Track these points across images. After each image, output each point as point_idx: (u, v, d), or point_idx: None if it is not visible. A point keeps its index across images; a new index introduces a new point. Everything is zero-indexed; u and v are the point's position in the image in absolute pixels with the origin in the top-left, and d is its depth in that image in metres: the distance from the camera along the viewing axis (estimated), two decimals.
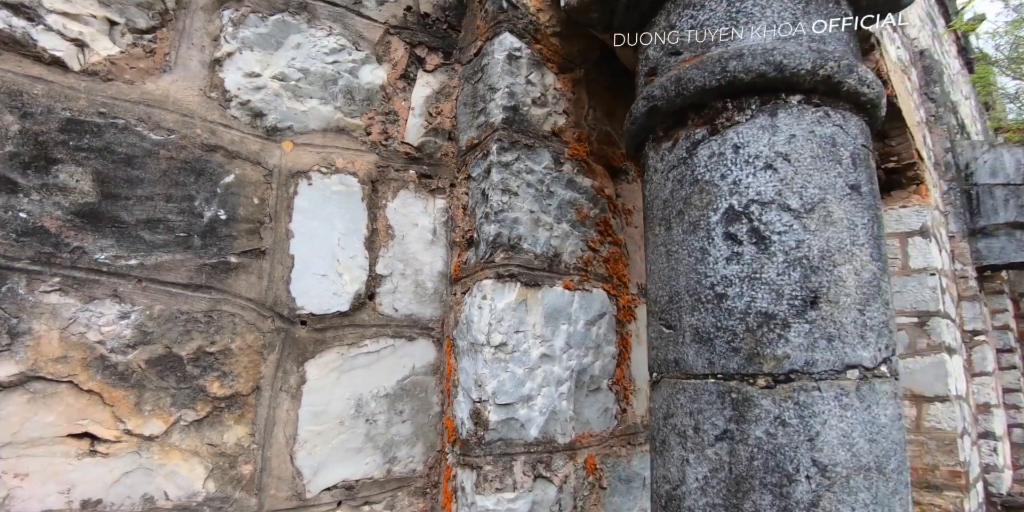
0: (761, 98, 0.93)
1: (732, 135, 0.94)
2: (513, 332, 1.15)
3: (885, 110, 1.03)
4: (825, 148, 0.90)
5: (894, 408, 0.84)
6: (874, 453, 0.80)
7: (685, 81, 0.98)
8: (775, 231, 0.87)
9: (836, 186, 0.89)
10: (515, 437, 1.13)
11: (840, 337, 0.83)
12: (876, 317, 0.86)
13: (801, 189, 0.88)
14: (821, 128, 0.91)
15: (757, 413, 0.83)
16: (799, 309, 0.84)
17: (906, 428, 4.47)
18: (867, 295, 0.86)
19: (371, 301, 1.22)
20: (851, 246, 0.87)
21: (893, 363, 0.87)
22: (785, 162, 0.90)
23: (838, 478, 0.79)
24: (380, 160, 1.30)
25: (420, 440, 1.22)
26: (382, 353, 1.20)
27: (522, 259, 1.20)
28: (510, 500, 1.10)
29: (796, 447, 0.80)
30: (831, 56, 0.91)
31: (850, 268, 0.86)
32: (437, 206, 1.34)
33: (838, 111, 0.93)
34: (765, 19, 0.96)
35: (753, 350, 0.86)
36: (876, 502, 0.79)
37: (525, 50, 1.32)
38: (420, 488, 1.21)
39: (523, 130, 1.27)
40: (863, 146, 0.94)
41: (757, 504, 0.81)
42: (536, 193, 1.25)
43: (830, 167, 0.89)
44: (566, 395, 1.20)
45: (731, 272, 0.89)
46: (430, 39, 1.43)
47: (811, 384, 0.82)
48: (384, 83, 1.34)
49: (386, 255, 1.25)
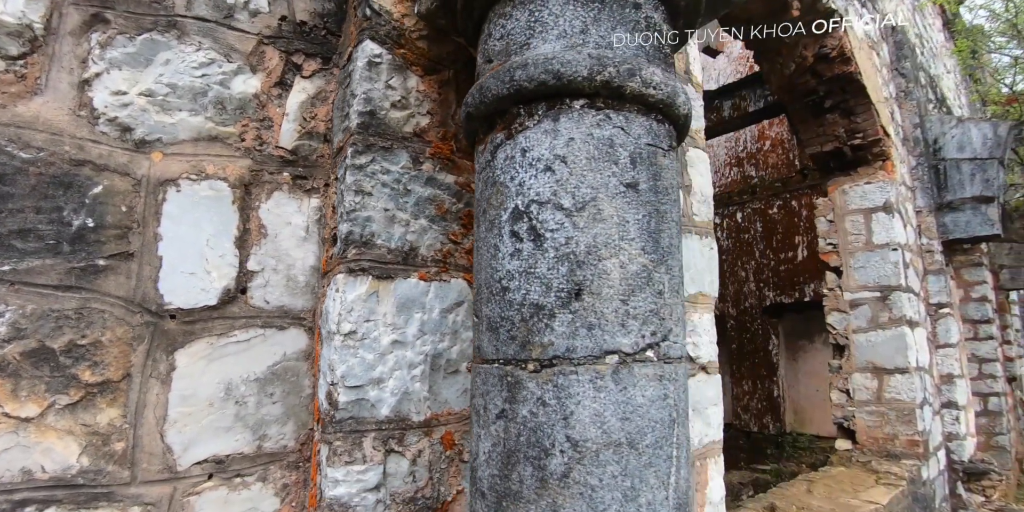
0: (548, 104, 0.98)
1: (522, 139, 0.98)
2: (363, 321, 1.23)
3: (690, 106, 1.06)
4: (602, 149, 0.95)
5: (656, 390, 0.90)
6: (626, 430, 0.87)
7: (485, 89, 1.02)
8: (549, 229, 0.93)
9: (609, 185, 0.93)
10: (366, 416, 1.22)
11: (600, 326, 0.89)
12: (641, 306, 0.91)
13: (574, 189, 0.93)
14: (600, 131, 0.95)
15: (524, 394, 0.90)
16: (564, 300, 0.90)
17: (864, 400, 4.51)
18: (633, 286, 0.91)
19: (243, 295, 1.30)
20: (619, 241, 0.92)
21: (664, 348, 0.93)
22: (562, 164, 0.94)
23: (588, 452, 0.85)
24: (254, 164, 1.36)
25: (291, 419, 1.31)
26: (252, 342, 1.29)
27: (374, 254, 1.27)
28: (359, 471, 1.19)
29: (553, 425, 0.87)
30: (611, 62, 0.95)
31: (616, 262, 0.91)
32: (311, 205, 1.41)
33: (621, 113, 0.97)
34: (557, 28, 1.00)
35: (526, 338, 0.92)
36: (625, 474, 0.86)
37: (386, 56, 1.36)
38: (293, 462, 1.31)
39: (380, 133, 1.32)
40: (648, 145, 0.98)
41: (521, 474, 0.88)
42: (392, 192, 1.31)
43: (605, 167, 0.94)
44: (419, 377, 1.28)
45: (513, 267, 0.95)
46: (307, 46, 1.48)
47: (570, 369, 0.88)
48: (258, 92, 1.39)
49: (258, 252, 1.33)
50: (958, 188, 4.77)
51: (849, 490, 3.94)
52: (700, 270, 2.34)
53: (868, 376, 4.52)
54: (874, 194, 4.54)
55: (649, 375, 0.90)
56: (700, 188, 2.42)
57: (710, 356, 2.32)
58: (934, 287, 4.90)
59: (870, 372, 4.51)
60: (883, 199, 4.50)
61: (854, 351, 4.56)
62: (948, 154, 4.79)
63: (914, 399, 4.34)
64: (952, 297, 5.15)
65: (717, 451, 2.33)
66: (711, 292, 2.38)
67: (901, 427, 4.40)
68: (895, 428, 4.43)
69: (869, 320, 4.50)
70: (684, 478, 0.93)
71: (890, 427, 4.45)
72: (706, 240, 2.40)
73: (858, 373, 4.55)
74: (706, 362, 2.29)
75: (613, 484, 0.85)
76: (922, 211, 4.93)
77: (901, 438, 4.40)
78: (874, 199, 4.54)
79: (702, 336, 2.30)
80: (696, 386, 2.25)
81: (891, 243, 4.44)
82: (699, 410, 2.24)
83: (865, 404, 4.54)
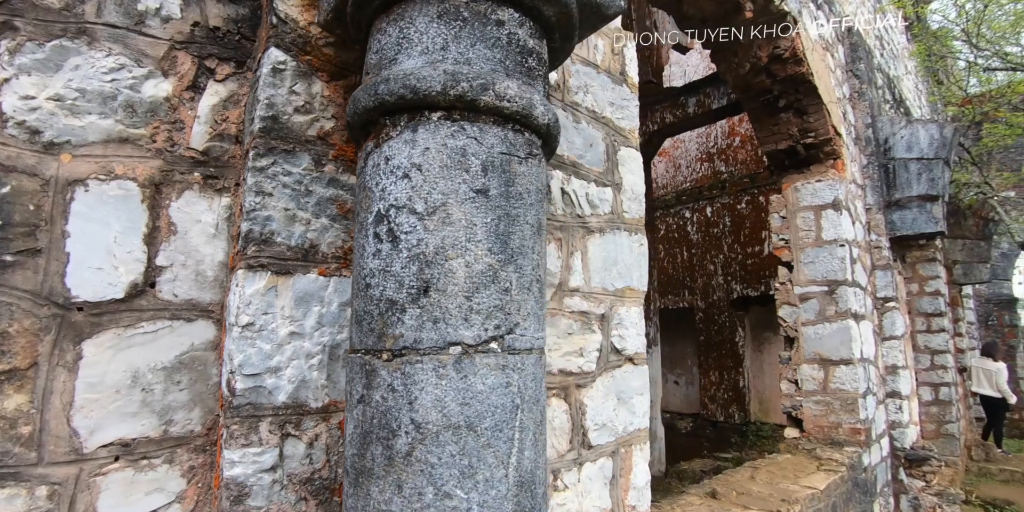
0: (408, 116, 1.05)
1: (386, 148, 1.06)
2: (261, 313, 1.31)
3: (552, 117, 1.14)
4: (454, 158, 1.02)
5: (497, 378, 0.99)
6: (465, 414, 0.96)
7: (357, 101, 1.10)
8: (403, 231, 1.01)
9: (460, 191, 1.02)
10: (264, 402, 1.30)
11: (445, 320, 0.98)
12: (485, 302, 1.00)
13: (427, 195, 1.01)
14: (453, 141, 1.03)
15: (378, 381, 0.99)
16: (414, 297, 0.98)
17: (812, 390, 4.66)
18: (477, 284, 1.00)
19: (151, 288, 1.37)
20: (466, 243, 1.00)
21: (508, 340, 1.02)
22: (418, 171, 1.02)
23: (429, 433, 0.94)
24: (165, 165, 1.43)
25: (198, 405, 1.39)
26: (160, 333, 1.36)
27: (274, 251, 1.34)
28: (255, 454, 1.27)
29: (400, 409, 0.96)
30: (465, 77, 1.02)
31: (462, 262, 0.99)
32: (222, 204, 1.48)
33: (476, 125, 1.05)
34: (421, 45, 1.07)
35: (382, 330, 1.00)
36: (463, 453, 0.95)
37: (291, 63, 1.42)
38: (200, 446, 1.39)
39: (283, 136, 1.39)
40: (502, 154, 1.06)
41: (373, 453, 0.97)
42: (293, 192, 1.39)
43: (456, 175, 1.02)
44: (317, 366, 1.36)
45: (375, 265, 1.03)
46: (220, 51, 1.54)
47: (416, 358, 0.97)
48: (169, 95, 1.45)
49: (167, 249, 1.40)
50: (906, 187, 4.92)
51: (791, 476, 4.09)
52: (628, 266, 2.44)
53: (815, 367, 4.67)
54: (824, 192, 4.67)
55: (491, 365, 0.98)
56: (631, 186, 2.50)
57: (637, 348, 2.42)
58: (881, 282, 5.05)
59: (817, 363, 4.66)
60: (832, 196, 4.63)
61: (803, 343, 4.71)
62: (897, 154, 4.93)
63: (857, 389, 4.50)
64: (899, 291, 5.32)
65: (642, 438, 2.44)
66: (639, 287, 2.48)
67: (845, 416, 4.56)
68: (839, 417, 4.59)
69: (817, 313, 4.65)
70: (530, 458, 1.02)
71: (835, 416, 4.61)
72: (635, 237, 2.49)
73: (806, 364, 4.71)
74: (632, 354, 2.40)
75: (451, 462, 0.94)
76: (872, 208, 5.07)
77: (844, 426, 4.56)
78: (824, 196, 4.67)
79: (629, 329, 2.40)
80: (622, 377, 2.36)
81: (839, 239, 4.58)
82: (624, 400, 2.35)
83: (812, 394, 4.69)
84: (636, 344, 2.41)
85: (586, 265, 2.23)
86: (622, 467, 2.33)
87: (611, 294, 2.33)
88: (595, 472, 2.19)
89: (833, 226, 4.61)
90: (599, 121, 2.40)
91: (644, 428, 2.45)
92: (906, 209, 4.96)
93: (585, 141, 2.31)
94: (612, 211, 2.39)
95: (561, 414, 2.07)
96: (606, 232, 2.34)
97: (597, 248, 2.29)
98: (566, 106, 2.25)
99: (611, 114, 2.47)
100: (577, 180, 2.25)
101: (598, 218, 2.32)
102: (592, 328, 2.23)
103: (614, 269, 2.35)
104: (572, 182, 2.23)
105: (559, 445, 2.04)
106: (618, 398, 2.31)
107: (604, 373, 2.27)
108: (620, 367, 2.35)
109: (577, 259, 2.20)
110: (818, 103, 4.67)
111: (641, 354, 2.45)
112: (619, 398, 2.32)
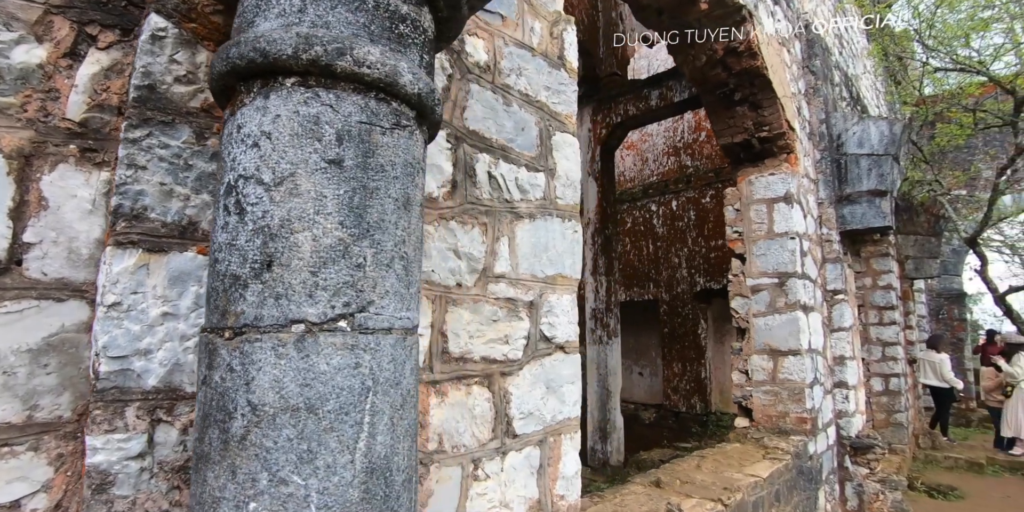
0: (262, 81, 0.98)
1: (239, 116, 0.99)
2: (130, 293, 1.23)
3: (425, 86, 1.08)
4: (306, 126, 0.96)
5: (344, 358, 0.93)
6: (305, 396, 0.90)
7: (213, 67, 1.02)
8: (250, 203, 0.94)
9: (310, 161, 0.95)
10: (132, 386, 1.22)
11: (287, 296, 0.91)
12: (334, 278, 0.94)
13: (275, 165, 0.94)
14: (307, 108, 0.96)
15: (218, 361, 0.92)
16: (257, 271, 0.92)
17: (761, 380, 4.70)
18: (325, 259, 0.93)
19: (18, 266, 1.28)
20: (315, 215, 0.94)
21: (360, 319, 0.95)
22: (267, 140, 0.95)
23: (265, 416, 0.88)
24: (37, 136, 1.33)
25: (68, 390, 1.30)
26: (26, 313, 1.27)
27: (146, 228, 1.26)
28: (120, 440, 1.20)
29: (237, 390, 0.89)
30: (319, 41, 0.95)
31: (308, 235, 0.93)
32: (100, 178, 1.39)
33: (332, 92, 0.98)
34: (278, 7, 1.00)
35: (225, 307, 0.94)
36: (302, 437, 0.89)
37: (172, 30, 1.34)
38: (70, 432, 1.30)
39: (161, 107, 1.31)
40: (361, 123, 0.99)
41: (210, 437, 0.91)
42: (171, 166, 1.30)
43: (308, 144, 0.95)
44: (193, 349, 1.29)
45: (223, 239, 0.96)
46: (104, 17, 1.44)
47: (255, 337, 0.90)
48: (43, 62, 1.35)
49: (37, 224, 1.31)
50: (856, 182, 4.97)
51: (736, 465, 4.13)
52: (560, 252, 2.39)
53: (765, 358, 4.71)
54: (777, 185, 4.70)
55: (337, 344, 0.92)
56: (565, 172, 2.46)
57: (568, 336, 2.38)
58: (831, 274, 5.11)
59: (767, 354, 4.70)
60: (785, 190, 4.65)
61: (753, 334, 4.74)
62: (849, 149, 4.97)
63: (804, 379, 4.55)
64: (848, 284, 5.39)
65: (572, 428, 2.40)
66: (572, 274, 2.44)
67: (792, 405, 4.62)
68: (787, 406, 4.65)
69: (768, 305, 4.68)
70: (385, 444, 0.96)
71: (782, 405, 4.66)
72: (569, 223, 2.45)
73: (757, 355, 4.75)
74: (563, 342, 2.36)
75: (288, 447, 0.88)
76: (824, 203, 5.11)
77: (792, 416, 4.62)
78: (777, 190, 4.69)
79: (559, 317, 2.36)
80: (552, 365, 2.32)
81: (790, 232, 4.61)
82: (553, 388, 2.31)
83: (761, 384, 4.74)
84: (567, 332, 2.37)
85: (514, 251, 2.18)
86: (550, 456, 2.29)
87: (541, 281, 2.28)
88: (520, 461, 2.15)
89: (784, 219, 4.63)
90: (532, 105, 2.34)
91: (575, 417, 2.41)
92: (856, 204, 5.01)
93: (516, 124, 2.25)
94: (544, 197, 2.34)
95: (483, 402, 2.03)
96: (537, 218, 2.29)
97: (526, 234, 2.24)
98: (496, 88, 2.19)
99: (546, 98, 2.41)
100: (506, 164, 2.19)
101: (528, 203, 2.26)
102: (519, 315, 2.19)
103: (544, 256, 2.31)
104: (500, 166, 2.17)
105: (480, 434, 2.00)
106: (547, 387, 2.28)
107: (532, 361, 2.22)
108: (550, 355, 2.31)
109: (504, 245, 2.15)
110: (772, 97, 4.67)
111: (573, 342, 2.42)
112: (548, 387, 2.28)
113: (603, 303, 6.55)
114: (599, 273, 6.57)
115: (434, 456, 1.83)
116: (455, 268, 1.96)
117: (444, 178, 1.95)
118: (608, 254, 6.59)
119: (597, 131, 6.49)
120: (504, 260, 2.14)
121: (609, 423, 6.54)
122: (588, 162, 6.62)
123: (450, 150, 1.98)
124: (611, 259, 6.57)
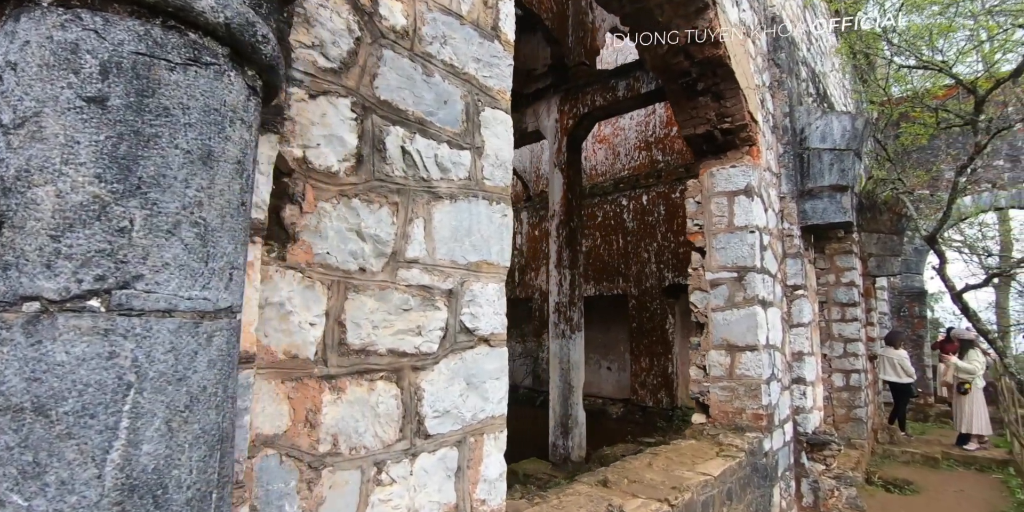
0: (16, 2, 0.77)
1: None
2: None
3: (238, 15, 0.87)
4: (61, 55, 0.74)
5: (94, 346, 0.72)
6: (33, 392, 0.69)
7: None
8: None
9: (62, 98, 0.74)
10: None
11: (19, 266, 0.70)
12: (84, 245, 0.73)
13: (18, 102, 0.73)
14: (63, 33, 0.75)
15: None
16: None
17: (719, 376, 4.58)
18: (73, 220, 0.72)
19: None
20: (62, 165, 0.73)
21: (120, 297, 0.75)
22: (12, 72, 0.74)
23: None
24: None
25: None
26: None
27: None
28: None
29: None
30: None
31: (52, 189, 0.72)
32: None
33: (100, 14, 0.77)
34: None
35: None
36: (25, 445, 0.68)
37: None
38: None
39: None
40: (138, 54, 0.78)
41: None
42: None
43: (61, 77, 0.74)
44: None
45: None
46: None
47: None
48: None
49: None
50: (818, 176, 4.86)
51: (688, 462, 3.99)
52: (487, 237, 2.20)
53: (723, 353, 4.59)
54: (738, 178, 4.56)
55: (83, 328, 0.72)
56: (495, 151, 2.26)
57: (493, 328, 2.19)
58: (791, 269, 5.01)
59: (724, 349, 4.58)
60: (745, 183, 4.51)
61: (712, 329, 4.62)
62: (812, 144, 4.86)
63: (761, 375, 4.44)
64: (808, 280, 5.30)
65: (497, 427, 2.21)
66: (499, 261, 2.25)
67: (748, 401, 4.50)
68: (743, 402, 4.53)
69: (726, 299, 4.55)
70: (155, 454, 0.76)
71: (739, 401, 4.55)
72: (497, 206, 2.25)
73: (714, 350, 4.62)
74: (488, 334, 2.17)
75: (7, 457, 0.67)
76: (785, 197, 5.00)
77: (748, 412, 4.50)
78: (738, 182, 4.55)
79: (483, 307, 2.16)
80: (474, 359, 2.12)
81: (750, 226, 4.48)
82: (475, 384, 2.11)
83: (719, 380, 4.62)
84: (492, 323, 2.18)
85: (430, 234, 1.98)
86: (470, 458, 2.10)
87: (462, 268, 2.09)
88: (434, 464, 1.96)
89: (745, 212, 4.50)
90: (459, 77, 2.13)
91: (500, 415, 2.22)
92: (818, 199, 4.91)
93: (437, 97, 2.05)
94: (469, 177, 2.14)
95: (389, 399, 1.82)
96: (459, 199, 2.09)
97: (446, 216, 2.04)
98: (415, 56, 1.98)
99: (475, 71, 2.20)
100: (424, 139, 1.98)
101: (449, 183, 2.06)
102: (436, 305, 1.99)
103: (467, 240, 2.11)
104: (416, 141, 1.96)
105: (385, 434, 1.80)
106: (467, 383, 2.08)
107: (450, 355, 2.03)
108: (472, 349, 2.11)
109: (418, 227, 1.94)
110: (735, 88, 4.53)
111: (499, 335, 2.22)
112: (468, 383, 2.09)
113: (567, 297, 6.39)
114: (563, 266, 6.39)
115: (326, 459, 1.62)
116: (357, 251, 1.75)
117: (347, 151, 1.74)
118: (573, 247, 6.42)
119: (564, 121, 6.29)
120: (418, 244, 1.94)
121: (571, 418, 6.39)
122: (555, 153, 6.43)
123: (355, 121, 1.77)
124: (575, 252, 6.41)
